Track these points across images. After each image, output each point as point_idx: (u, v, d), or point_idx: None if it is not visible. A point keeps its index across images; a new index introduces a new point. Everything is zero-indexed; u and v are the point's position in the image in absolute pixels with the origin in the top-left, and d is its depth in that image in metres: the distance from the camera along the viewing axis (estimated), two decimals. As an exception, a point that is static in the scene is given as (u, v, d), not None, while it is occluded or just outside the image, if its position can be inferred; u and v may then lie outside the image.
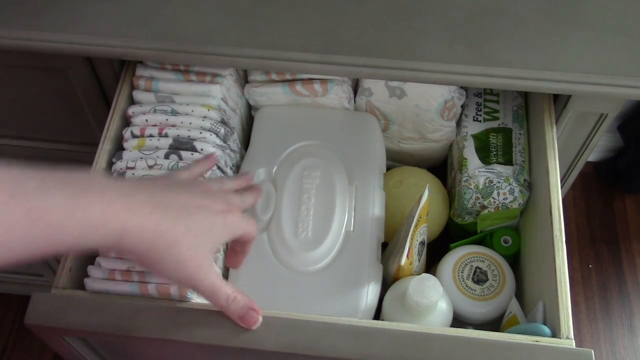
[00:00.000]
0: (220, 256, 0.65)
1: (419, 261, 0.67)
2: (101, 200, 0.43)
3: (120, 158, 0.65)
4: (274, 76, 0.71)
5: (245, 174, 0.59)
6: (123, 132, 0.66)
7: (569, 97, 0.67)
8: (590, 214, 1.66)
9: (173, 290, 0.56)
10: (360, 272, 0.63)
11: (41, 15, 0.66)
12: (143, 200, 0.46)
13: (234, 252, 0.60)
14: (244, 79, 0.74)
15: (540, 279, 0.62)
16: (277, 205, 0.67)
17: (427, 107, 0.72)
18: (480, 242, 0.73)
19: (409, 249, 0.62)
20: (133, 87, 0.69)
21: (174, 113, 0.66)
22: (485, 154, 0.71)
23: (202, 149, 0.64)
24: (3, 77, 0.77)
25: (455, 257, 0.69)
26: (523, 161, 0.70)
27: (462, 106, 0.75)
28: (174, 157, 0.64)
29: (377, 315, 0.64)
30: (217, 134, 0.66)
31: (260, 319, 0.52)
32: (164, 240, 0.46)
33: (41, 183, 0.41)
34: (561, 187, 0.76)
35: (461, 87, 0.72)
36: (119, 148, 0.67)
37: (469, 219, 0.73)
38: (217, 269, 0.63)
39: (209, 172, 0.64)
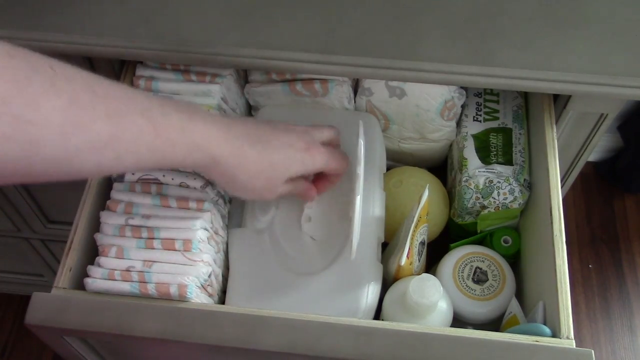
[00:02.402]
0: (221, 256, 0.65)
1: (419, 261, 0.67)
2: (205, 127, 0.50)
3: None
4: (274, 76, 0.71)
5: (331, 127, 0.64)
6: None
7: (569, 97, 0.67)
8: (590, 214, 1.66)
9: (173, 290, 0.56)
10: (360, 272, 0.63)
11: (41, 15, 0.66)
12: (236, 133, 0.53)
13: (321, 178, 0.65)
14: (244, 79, 0.74)
15: (540, 279, 0.62)
16: (277, 205, 0.67)
17: (427, 107, 0.72)
18: (480, 242, 0.73)
19: (409, 249, 0.62)
20: (133, 87, 0.69)
21: (174, 113, 0.66)
22: (485, 154, 0.71)
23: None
24: (3, 77, 0.77)
25: (455, 257, 0.69)
26: (523, 161, 0.70)
27: (462, 106, 0.75)
28: (174, 157, 0.64)
29: (377, 315, 0.64)
30: (217, 134, 0.66)
31: (312, 195, 0.64)
32: (247, 170, 0.54)
33: (163, 105, 0.48)
34: (561, 187, 0.76)
35: (461, 87, 0.72)
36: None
37: (469, 219, 0.73)
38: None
39: None
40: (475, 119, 0.74)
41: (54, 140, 0.40)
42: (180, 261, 0.59)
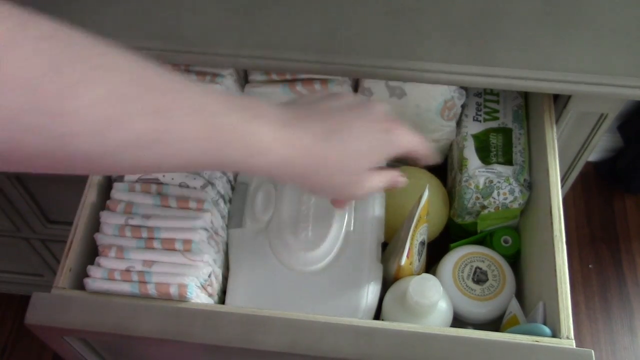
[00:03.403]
0: (221, 256, 0.65)
1: (419, 261, 0.67)
2: (269, 129, 0.44)
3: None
4: (274, 76, 0.71)
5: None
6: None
7: (569, 97, 0.67)
8: (590, 214, 1.66)
9: (173, 290, 0.56)
10: (360, 272, 0.63)
11: (41, 15, 0.66)
12: (304, 130, 0.47)
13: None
14: (244, 79, 0.74)
15: (540, 279, 0.62)
16: (277, 205, 0.67)
17: (427, 107, 0.72)
18: (480, 242, 0.73)
19: (409, 249, 0.62)
20: (133, 87, 0.69)
21: (174, 113, 0.66)
22: (485, 154, 0.71)
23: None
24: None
25: (455, 257, 0.69)
26: (523, 161, 0.70)
27: (462, 106, 0.75)
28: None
29: (377, 315, 0.64)
30: (217, 134, 0.66)
31: (402, 179, 0.56)
32: (326, 168, 0.48)
33: (221, 102, 0.43)
34: (561, 187, 0.76)
35: (461, 87, 0.72)
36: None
37: (469, 219, 0.73)
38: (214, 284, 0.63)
39: (206, 178, 0.64)
40: (475, 119, 0.75)
41: (89, 135, 0.36)
42: (180, 261, 0.59)
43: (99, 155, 0.38)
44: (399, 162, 0.81)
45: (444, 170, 0.82)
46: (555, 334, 0.55)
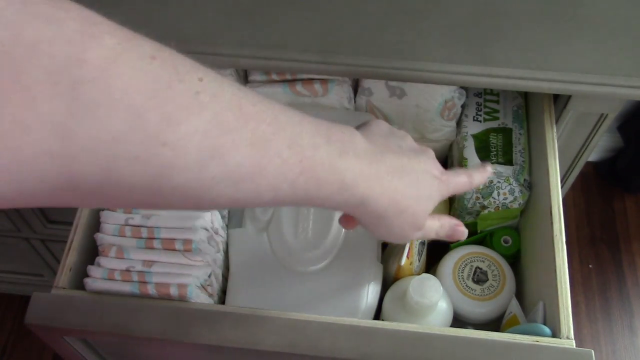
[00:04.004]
0: (221, 256, 0.65)
1: (419, 261, 0.67)
2: (357, 164, 0.43)
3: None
4: (274, 76, 0.71)
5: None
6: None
7: (569, 97, 0.67)
8: (590, 214, 1.66)
9: (173, 290, 0.56)
10: (360, 272, 0.63)
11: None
12: (387, 166, 0.46)
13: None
14: (244, 79, 0.74)
15: (540, 279, 0.62)
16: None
17: (427, 107, 0.72)
18: (480, 242, 0.73)
19: (409, 249, 0.62)
20: (133, 87, 0.69)
21: (174, 113, 0.66)
22: (485, 154, 0.71)
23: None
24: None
25: (455, 257, 0.69)
26: (523, 161, 0.70)
27: (462, 106, 0.75)
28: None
29: (377, 315, 0.64)
30: (217, 134, 0.66)
31: (465, 231, 0.54)
32: (396, 207, 0.47)
33: (314, 134, 0.41)
34: (561, 187, 0.76)
35: (461, 87, 0.72)
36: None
37: (469, 219, 0.73)
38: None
39: None
40: (475, 119, 0.75)
41: (189, 167, 0.33)
42: (180, 261, 0.59)
43: (196, 190, 0.35)
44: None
45: (444, 170, 0.82)
46: (555, 334, 0.55)
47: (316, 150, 0.40)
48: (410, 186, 0.47)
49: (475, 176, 0.55)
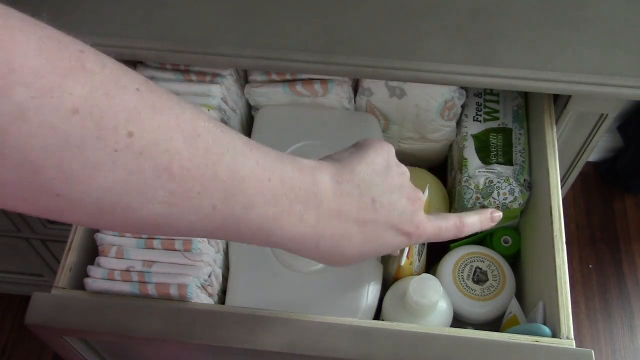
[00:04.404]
0: (221, 256, 0.65)
1: (419, 261, 0.67)
2: (317, 213, 0.41)
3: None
4: (274, 76, 0.71)
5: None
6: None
7: (569, 97, 0.67)
8: (590, 214, 1.66)
9: (173, 290, 0.56)
10: (360, 272, 0.63)
11: (41, 16, 0.66)
12: (347, 216, 0.43)
13: None
14: (244, 79, 0.74)
15: (540, 279, 0.62)
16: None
17: (427, 107, 0.72)
18: (480, 242, 0.73)
19: (409, 249, 0.62)
20: (133, 87, 0.69)
21: (174, 113, 0.66)
22: (485, 154, 0.71)
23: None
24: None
25: (455, 257, 0.69)
26: (523, 161, 0.70)
27: (462, 106, 0.75)
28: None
29: (377, 315, 0.64)
30: (217, 134, 0.66)
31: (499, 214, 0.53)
32: (344, 252, 0.44)
33: (257, 193, 0.38)
34: (561, 187, 0.76)
35: (461, 87, 0.72)
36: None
37: (469, 219, 0.73)
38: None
39: None
40: (475, 119, 0.75)
41: (84, 216, 0.33)
42: (180, 261, 0.59)
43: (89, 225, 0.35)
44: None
45: (444, 170, 0.82)
46: (555, 334, 0.55)
47: (247, 211, 0.38)
48: (367, 236, 0.45)
49: (466, 220, 0.51)
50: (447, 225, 0.50)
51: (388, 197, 0.46)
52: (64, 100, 0.28)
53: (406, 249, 0.62)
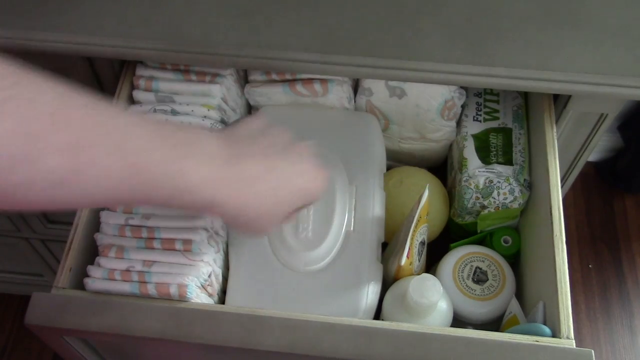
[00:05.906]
0: (221, 256, 0.65)
1: (419, 261, 0.67)
2: (197, 170, 0.44)
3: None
4: (274, 76, 0.71)
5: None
6: (123, 132, 0.66)
7: (569, 97, 0.67)
8: (590, 214, 1.66)
9: (173, 290, 0.56)
10: (360, 272, 0.63)
11: (41, 15, 0.66)
12: (238, 173, 0.47)
13: None
14: (244, 79, 0.74)
15: (540, 279, 0.62)
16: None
17: (427, 107, 0.72)
18: (480, 242, 0.73)
19: (409, 249, 0.62)
20: (133, 87, 0.69)
21: (174, 113, 0.66)
22: (485, 154, 0.71)
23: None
24: (3, 77, 0.77)
25: (455, 257, 0.69)
26: (523, 161, 0.70)
27: (462, 106, 0.75)
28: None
29: (377, 315, 0.64)
30: (217, 134, 0.66)
31: None
32: (247, 213, 0.49)
33: (151, 138, 0.42)
34: (561, 187, 0.76)
35: (461, 87, 0.72)
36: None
37: (469, 219, 0.73)
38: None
39: None
40: (475, 119, 0.75)
41: None
42: (180, 261, 0.59)
43: (6, 191, 0.36)
44: (399, 162, 0.82)
45: (444, 170, 0.82)
46: (555, 334, 0.55)
47: (146, 154, 0.41)
48: (262, 195, 0.49)
49: None
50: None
51: (281, 144, 0.52)
52: None
53: (406, 249, 0.62)
